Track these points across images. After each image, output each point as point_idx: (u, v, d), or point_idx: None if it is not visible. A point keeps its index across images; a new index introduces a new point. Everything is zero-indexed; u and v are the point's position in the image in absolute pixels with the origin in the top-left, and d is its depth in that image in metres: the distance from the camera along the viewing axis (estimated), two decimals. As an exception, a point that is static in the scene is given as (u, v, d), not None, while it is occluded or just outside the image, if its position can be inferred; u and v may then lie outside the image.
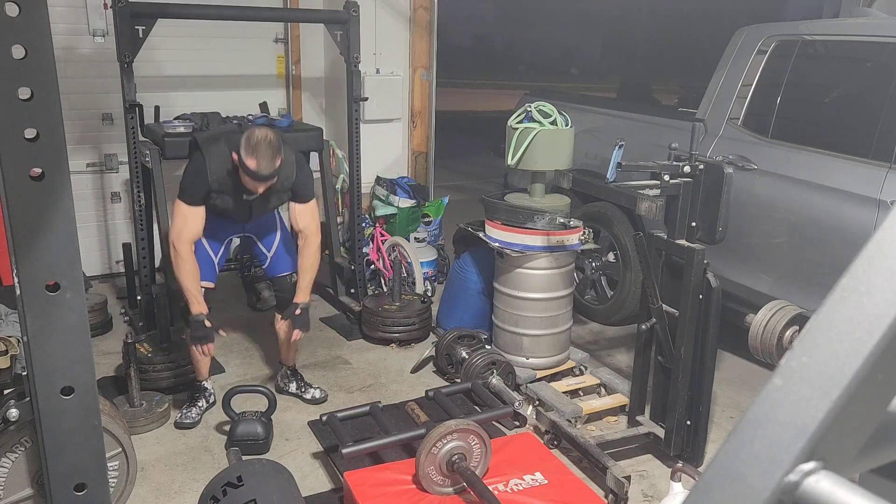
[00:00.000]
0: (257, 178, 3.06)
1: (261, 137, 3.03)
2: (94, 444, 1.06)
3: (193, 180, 3.18)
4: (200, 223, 3.21)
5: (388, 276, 4.96)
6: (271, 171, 3.07)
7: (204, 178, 3.14)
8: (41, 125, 0.91)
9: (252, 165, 3.02)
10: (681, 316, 2.98)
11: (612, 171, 2.95)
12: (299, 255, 3.47)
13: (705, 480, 0.45)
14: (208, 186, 3.15)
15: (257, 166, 3.02)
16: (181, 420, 3.41)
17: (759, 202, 3.75)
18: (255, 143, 3.01)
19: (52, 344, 0.98)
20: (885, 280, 0.43)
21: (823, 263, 3.51)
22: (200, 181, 3.15)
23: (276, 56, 5.65)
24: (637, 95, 9.35)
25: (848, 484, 0.42)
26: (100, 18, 4.87)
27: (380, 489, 2.66)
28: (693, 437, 3.09)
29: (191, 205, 3.17)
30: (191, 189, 3.17)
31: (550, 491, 2.69)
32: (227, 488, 2.33)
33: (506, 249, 3.65)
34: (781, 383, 0.44)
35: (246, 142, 3.02)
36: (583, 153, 4.45)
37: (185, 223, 3.18)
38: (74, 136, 4.94)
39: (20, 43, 0.87)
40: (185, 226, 3.18)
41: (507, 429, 3.40)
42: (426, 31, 5.65)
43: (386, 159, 5.67)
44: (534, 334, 3.74)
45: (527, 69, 19.08)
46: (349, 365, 4.13)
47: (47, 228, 0.94)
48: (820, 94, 3.96)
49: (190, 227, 3.18)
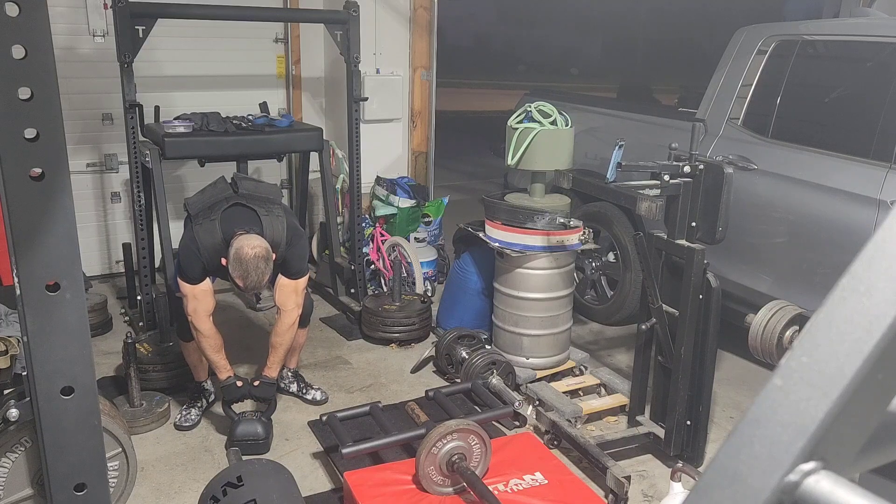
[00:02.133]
0: (245, 291, 3.10)
1: (250, 256, 2.94)
2: (94, 444, 1.06)
3: (187, 261, 3.11)
4: (211, 294, 3.19)
5: (388, 276, 4.96)
6: (259, 286, 3.06)
7: (196, 258, 3.09)
8: (41, 125, 0.91)
9: (240, 283, 3.01)
10: (681, 316, 2.98)
11: (612, 171, 2.95)
12: (273, 329, 3.35)
13: (705, 480, 0.45)
14: (203, 266, 3.11)
15: (244, 284, 3.01)
16: (180, 422, 3.40)
17: (759, 202, 3.75)
18: (244, 262, 2.95)
19: (52, 344, 0.98)
20: (885, 280, 0.43)
21: (823, 263, 3.51)
22: (194, 261, 3.09)
23: (276, 56, 5.65)
24: (637, 95, 9.34)
25: (848, 484, 0.42)
26: (100, 18, 4.87)
27: (380, 489, 2.66)
28: (693, 437, 3.09)
29: (194, 284, 3.12)
30: (187, 269, 3.12)
31: (550, 491, 2.69)
32: (227, 488, 2.33)
33: (506, 249, 3.65)
34: (781, 383, 0.44)
35: (235, 259, 2.96)
36: (583, 153, 4.45)
37: (196, 303, 3.13)
38: (74, 136, 4.94)
39: (20, 43, 0.87)
40: (198, 305, 3.14)
41: (507, 429, 3.40)
42: (426, 31, 5.65)
43: (386, 159, 5.67)
44: (534, 334, 3.74)
45: (527, 69, 19.08)
46: (349, 365, 4.13)
47: (47, 228, 0.94)
48: (820, 94, 3.96)
49: (203, 304, 3.15)
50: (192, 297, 3.13)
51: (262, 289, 3.13)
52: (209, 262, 3.10)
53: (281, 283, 3.25)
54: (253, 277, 2.97)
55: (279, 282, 3.26)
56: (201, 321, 3.14)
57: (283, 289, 3.26)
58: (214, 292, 3.43)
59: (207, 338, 3.18)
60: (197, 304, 3.13)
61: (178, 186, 5.33)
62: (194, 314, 3.14)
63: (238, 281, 3.01)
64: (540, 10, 18.16)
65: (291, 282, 3.26)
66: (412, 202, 5.33)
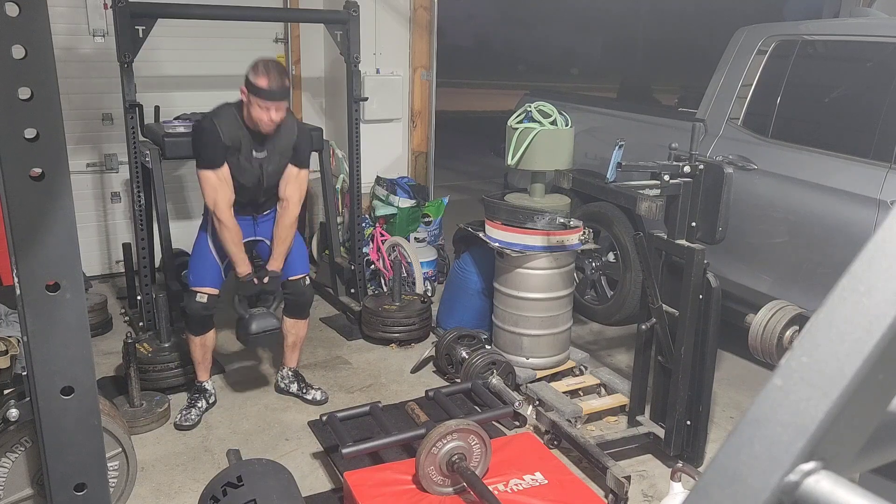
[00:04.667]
0: (269, 96, 3.10)
1: (268, 60, 3.15)
2: (94, 444, 1.06)
3: (208, 142, 3.20)
4: (230, 184, 3.25)
5: (388, 276, 4.96)
6: (281, 88, 3.12)
7: (217, 136, 3.17)
8: (41, 125, 0.91)
9: (263, 84, 3.07)
10: (681, 316, 2.98)
11: (612, 171, 2.95)
12: (276, 223, 3.45)
13: (705, 480, 0.45)
14: (223, 144, 3.18)
15: (268, 83, 3.08)
16: (180, 422, 3.40)
17: (759, 202, 3.75)
18: (262, 64, 3.10)
19: (52, 344, 0.98)
20: (885, 280, 0.43)
21: (823, 263, 3.51)
22: (215, 141, 3.18)
23: (276, 56, 5.64)
24: (637, 95, 9.34)
25: (848, 484, 0.42)
26: (100, 18, 4.87)
27: (380, 489, 2.66)
28: (693, 437, 3.09)
29: (214, 168, 3.19)
30: (208, 153, 3.20)
31: (550, 491, 2.69)
32: (227, 488, 2.33)
33: (506, 249, 3.65)
34: (781, 383, 0.44)
35: (253, 67, 3.11)
36: (583, 153, 4.46)
37: (216, 190, 3.20)
38: (74, 136, 4.94)
39: (20, 43, 0.87)
40: (218, 192, 3.20)
41: (507, 429, 3.40)
42: (426, 31, 5.65)
43: (386, 159, 5.67)
44: (534, 334, 3.74)
45: (527, 69, 19.08)
46: (349, 365, 4.13)
47: (47, 228, 0.94)
48: (820, 94, 3.96)
49: (223, 193, 3.22)
50: (212, 185, 3.19)
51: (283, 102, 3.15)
52: (228, 130, 3.18)
53: (291, 174, 3.39)
54: (274, 73, 3.08)
55: (288, 171, 3.38)
56: (223, 211, 3.21)
57: (290, 179, 3.39)
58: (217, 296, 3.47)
59: (229, 229, 3.24)
60: (217, 195, 3.19)
61: (178, 186, 5.33)
62: (215, 206, 3.20)
63: (260, 81, 3.06)
64: (540, 10, 18.15)
65: (301, 172, 3.41)
66: (412, 202, 5.33)
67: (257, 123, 3.17)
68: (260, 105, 3.11)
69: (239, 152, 3.23)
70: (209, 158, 3.19)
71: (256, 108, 3.12)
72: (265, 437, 3.37)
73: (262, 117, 3.14)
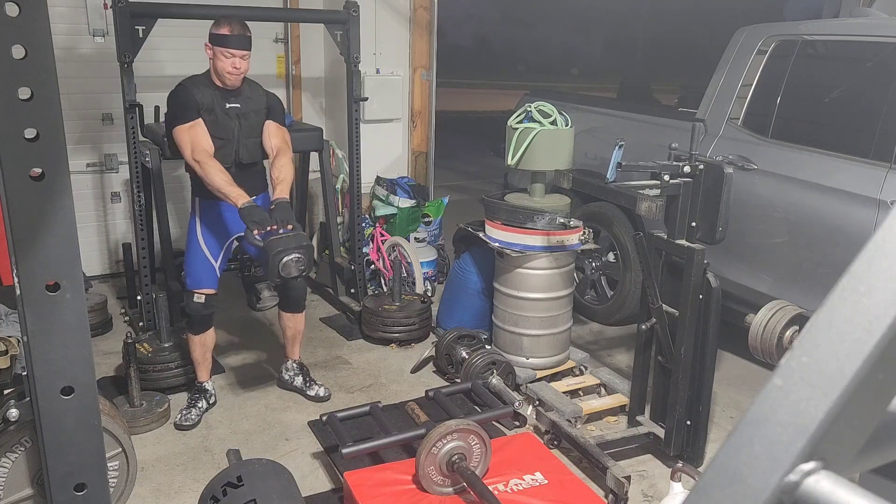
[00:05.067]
0: (232, 43, 3.16)
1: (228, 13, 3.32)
2: (94, 444, 1.06)
3: (179, 99, 3.23)
4: (206, 135, 3.24)
5: (388, 276, 4.96)
6: (243, 37, 3.19)
7: (188, 93, 3.22)
8: (41, 125, 0.91)
9: (226, 31, 3.16)
10: (681, 316, 2.98)
11: (612, 171, 2.95)
12: (271, 168, 3.39)
13: (705, 480, 0.45)
14: (195, 100, 3.21)
15: (230, 30, 3.16)
16: (180, 422, 3.40)
17: (759, 202, 3.75)
18: (224, 17, 3.22)
19: (52, 344, 0.98)
20: (885, 280, 0.43)
21: (823, 263, 3.51)
22: (186, 97, 3.21)
23: (276, 56, 5.65)
24: (637, 95, 9.34)
25: (848, 484, 0.42)
26: (100, 18, 4.87)
27: (380, 489, 2.66)
28: (693, 437, 3.09)
29: (188, 121, 3.20)
30: (181, 109, 3.22)
31: (550, 491, 2.69)
32: (227, 488, 2.33)
33: (506, 249, 3.65)
34: (781, 383, 0.44)
35: (215, 21, 3.22)
36: (583, 153, 4.45)
37: (192, 142, 3.20)
38: (74, 136, 4.94)
39: (20, 43, 0.87)
40: (195, 143, 3.20)
41: (507, 429, 3.40)
42: (426, 31, 5.65)
43: (386, 159, 5.67)
44: (534, 334, 3.74)
45: (527, 69, 19.08)
46: (349, 365, 4.13)
47: (47, 228, 0.94)
48: (820, 94, 3.96)
49: (199, 142, 3.21)
50: (188, 139, 3.19)
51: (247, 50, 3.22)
52: (199, 89, 3.24)
53: (272, 129, 3.41)
54: (235, 22, 3.19)
55: (266, 127, 3.40)
56: (201, 156, 3.16)
57: (272, 131, 3.41)
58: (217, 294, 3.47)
59: (211, 167, 3.13)
60: (194, 144, 3.19)
61: (178, 186, 5.32)
62: (193, 155, 3.17)
63: (223, 30, 3.17)
64: (540, 10, 18.14)
65: (277, 125, 3.44)
66: (412, 202, 5.33)
67: (223, 76, 3.22)
68: (224, 55, 3.17)
69: (213, 109, 3.26)
70: (181, 115, 3.21)
71: (221, 58, 3.18)
72: (265, 437, 3.37)
73: (226, 67, 3.18)
